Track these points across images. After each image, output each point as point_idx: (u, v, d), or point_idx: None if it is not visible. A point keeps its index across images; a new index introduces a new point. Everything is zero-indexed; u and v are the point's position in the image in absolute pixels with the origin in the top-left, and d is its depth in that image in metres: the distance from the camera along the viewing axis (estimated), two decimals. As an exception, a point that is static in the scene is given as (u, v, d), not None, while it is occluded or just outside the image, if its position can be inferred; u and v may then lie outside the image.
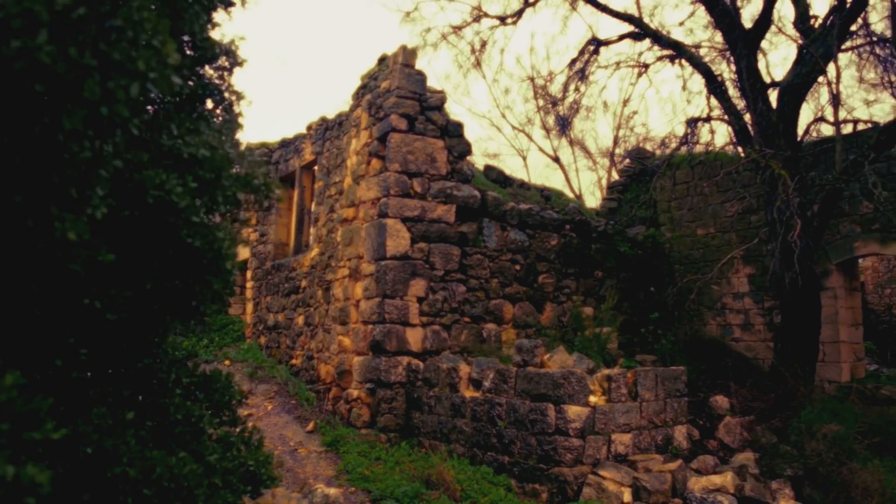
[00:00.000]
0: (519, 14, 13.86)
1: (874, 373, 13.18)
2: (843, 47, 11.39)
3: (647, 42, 13.22)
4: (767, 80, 11.98)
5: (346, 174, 12.29)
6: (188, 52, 3.62)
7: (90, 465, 3.22)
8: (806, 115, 28.56)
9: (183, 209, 2.94)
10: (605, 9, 12.98)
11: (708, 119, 12.62)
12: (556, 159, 28.10)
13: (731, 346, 13.66)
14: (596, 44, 13.71)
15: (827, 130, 12.76)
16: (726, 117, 12.12)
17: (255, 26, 53.30)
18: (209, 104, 3.80)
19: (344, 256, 11.87)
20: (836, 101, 10.52)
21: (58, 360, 3.12)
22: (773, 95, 11.77)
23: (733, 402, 10.85)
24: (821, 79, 11.47)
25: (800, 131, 11.65)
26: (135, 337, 4.03)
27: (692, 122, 12.73)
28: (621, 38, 13.37)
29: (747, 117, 11.76)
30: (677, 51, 12.70)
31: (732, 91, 12.33)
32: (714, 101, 12.47)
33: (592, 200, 26.95)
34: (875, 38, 11.84)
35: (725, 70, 13.12)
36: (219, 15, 3.85)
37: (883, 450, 9.47)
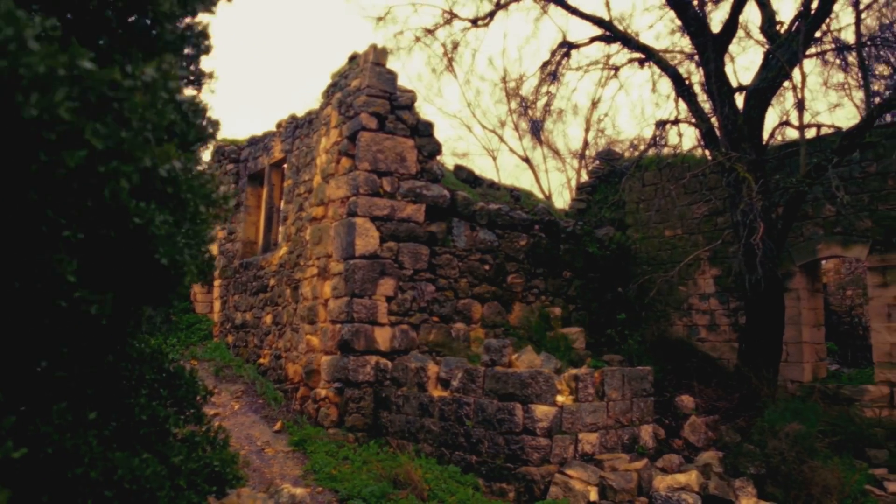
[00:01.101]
0: (490, 16, 13.89)
1: (835, 373, 13.42)
2: (807, 53, 11.59)
3: (617, 45, 13.33)
4: (735, 83, 12.15)
5: (315, 173, 12.23)
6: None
7: (50, 466, 3.17)
8: (771, 118, 29.04)
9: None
10: (575, 11, 13.05)
11: (676, 122, 12.75)
12: (527, 160, 28.25)
13: (696, 346, 13.82)
14: (567, 46, 13.78)
15: (792, 134, 12.99)
16: (694, 120, 12.26)
17: (223, 22, 52.84)
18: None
19: (313, 255, 11.81)
20: (800, 105, 10.70)
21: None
22: (740, 99, 11.94)
23: (699, 401, 10.99)
24: (786, 83, 11.66)
25: (765, 135, 11.83)
26: (103, 334, 3.98)
27: (661, 125, 12.86)
28: (592, 40, 13.45)
29: (714, 120, 11.91)
30: (647, 54, 12.82)
31: (700, 94, 12.48)
32: (682, 105, 12.61)
33: (562, 201, 27.15)
34: (839, 45, 12.09)
35: (694, 73, 13.30)
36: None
37: (843, 448, 9.66)
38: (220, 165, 16.49)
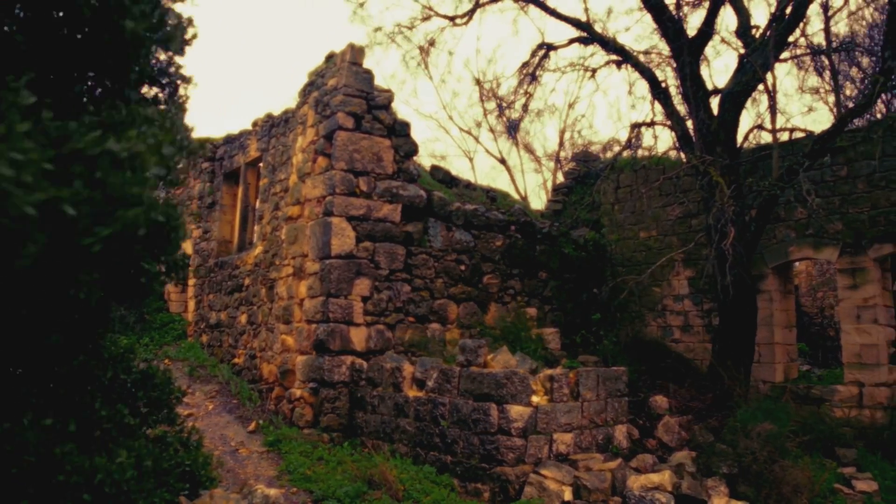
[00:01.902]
0: (469, 14, 13.88)
1: (806, 373, 13.61)
2: (781, 57, 11.72)
3: (594, 46, 13.38)
4: (710, 86, 12.25)
5: (291, 172, 12.17)
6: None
7: (32, 472, 3.15)
8: (746, 122, 29.31)
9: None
10: (553, 13, 13.09)
11: (652, 124, 12.85)
12: (503, 161, 28.25)
13: (670, 346, 13.93)
14: (546, 48, 13.82)
15: (765, 138, 13.12)
16: (669, 123, 12.35)
17: (199, 20, 52.37)
18: None
19: (288, 255, 11.75)
20: (773, 109, 10.82)
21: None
22: (715, 102, 12.04)
23: (672, 401, 11.07)
24: (760, 87, 11.78)
25: (739, 138, 11.94)
26: (74, 330, 3.94)
27: (636, 127, 12.95)
28: (570, 42, 13.50)
29: (690, 123, 12.00)
30: (624, 56, 12.88)
31: (676, 97, 12.58)
32: (658, 107, 12.71)
33: (538, 202, 27.19)
34: (811, 49, 12.25)
35: (670, 76, 13.39)
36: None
37: (813, 447, 9.78)
38: (195, 164, 16.35)
